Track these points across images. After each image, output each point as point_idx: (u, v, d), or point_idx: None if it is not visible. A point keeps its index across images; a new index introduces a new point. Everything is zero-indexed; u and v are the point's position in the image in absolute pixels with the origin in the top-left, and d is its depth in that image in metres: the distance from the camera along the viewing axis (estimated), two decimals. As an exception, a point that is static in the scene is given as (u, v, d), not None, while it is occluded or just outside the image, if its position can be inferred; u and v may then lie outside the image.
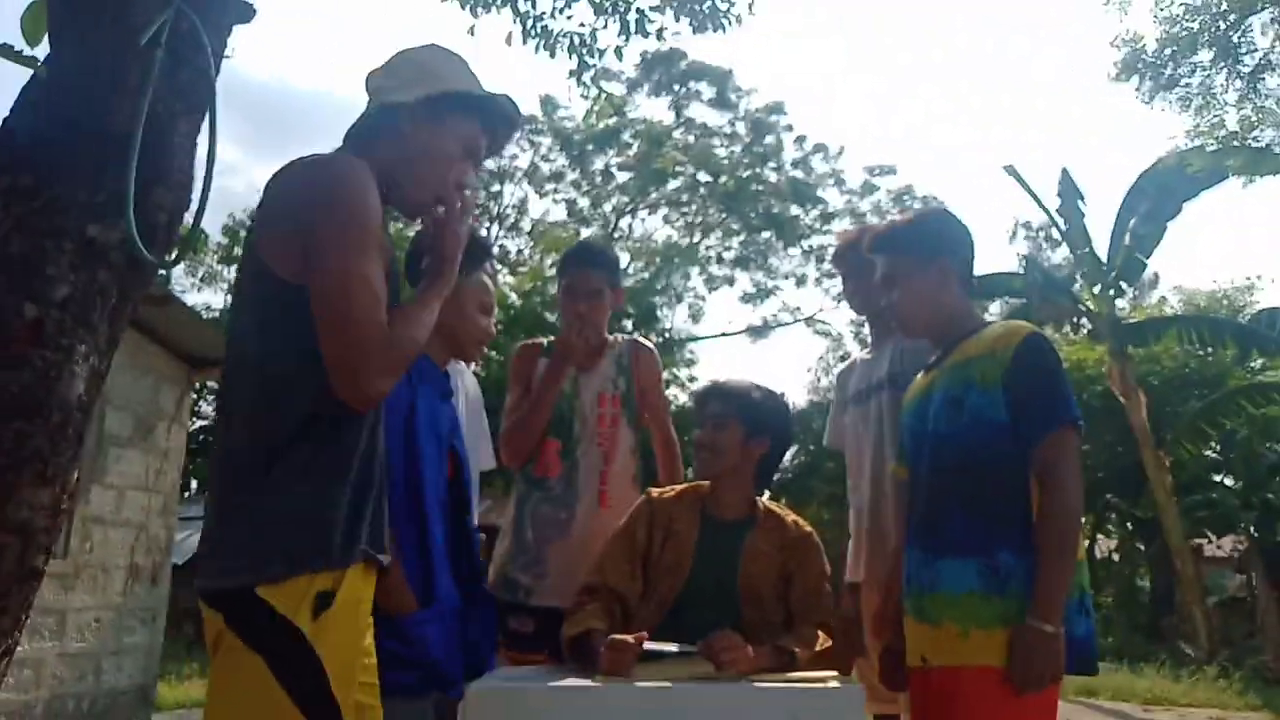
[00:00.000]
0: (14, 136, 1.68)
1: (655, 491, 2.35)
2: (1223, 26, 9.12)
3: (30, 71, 1.73)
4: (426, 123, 1.48)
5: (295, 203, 1.32)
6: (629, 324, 18.17)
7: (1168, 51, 9.46)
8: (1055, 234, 14.97)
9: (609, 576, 2.18)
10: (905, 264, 2.05)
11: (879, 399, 2.58)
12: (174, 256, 1.77)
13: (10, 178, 1.66)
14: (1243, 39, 9.28)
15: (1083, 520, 1.88)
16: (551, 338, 2.83)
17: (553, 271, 18.34)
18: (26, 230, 1.65)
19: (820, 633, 2.04)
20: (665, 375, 2.89)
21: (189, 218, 1.75)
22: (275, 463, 1.28)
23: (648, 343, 2.89)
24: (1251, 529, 13.54)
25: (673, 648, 1.90)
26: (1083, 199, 12.28)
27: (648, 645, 1.87)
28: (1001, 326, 1.96)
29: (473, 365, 2.52)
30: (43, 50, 1.75)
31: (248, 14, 1.86)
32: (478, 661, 2.00)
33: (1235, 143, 9.26)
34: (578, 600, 2.15)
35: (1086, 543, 18.80)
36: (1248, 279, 21.00)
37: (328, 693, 1.25)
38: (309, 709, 1.24)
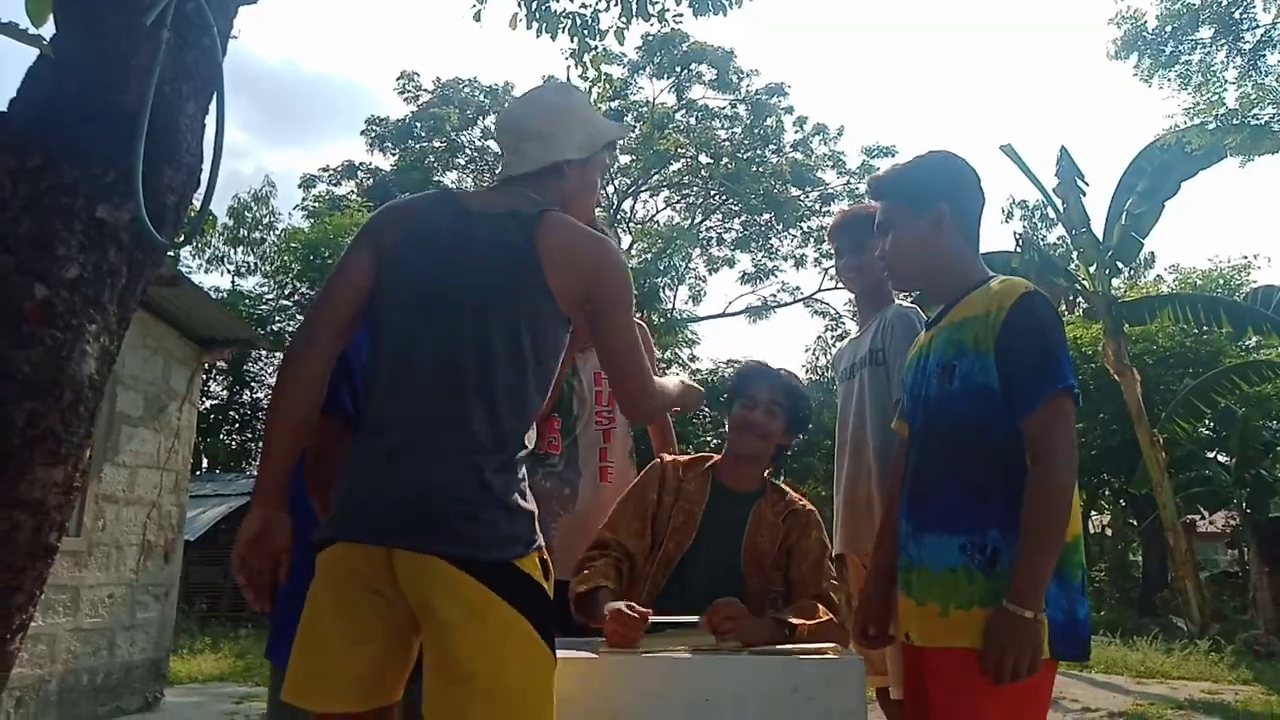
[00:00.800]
0: (22, 117, 1.69)
1: (668, 456, 2.44)
2: (1224, 2, 9.04)
3: (37, 51, 1.73)
4: (586, 167, 1.79)
5: (594, 268, 1.64)
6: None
7: (1168, 28, 9.36)
8: (1050, 213, 14.95)
9: (620, 532, 2.26)
10: (899, 211, 1.93)
11: (861, 376, 2.62)
12: (183, 238, 1.78)
13: (19, 158, 1.67)
14: (1244, 15, 9.20)
15: (1076, 496, 1.73)
16: None
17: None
18: (35, 210, 1.66)
19: (819, 605, 2.08)
20: (668, 355, 2.96)
21: (198, 199, 1.76)
22: (512, 460, 1.55)
23: (640, 322, 2.93)
24: (1244, 505, 13.66)
25: (675, 620, 1.94)
26: (1082, 178, 12.27)
27: (653, 619, 1.91)
28: (998, 285, 1.82)
29: None
30: (48, 30, 1.75)
31: (252, -5, 1.86)
32: None
33: (1235, 121, 9.19)
34: (587, 555, 2.23)
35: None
36: (1244, 257, 21.06)
37: (553, 633, 1.55)
38: (551, 646, 1.53)
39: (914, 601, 1.79)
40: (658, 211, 24.21)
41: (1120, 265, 13.04)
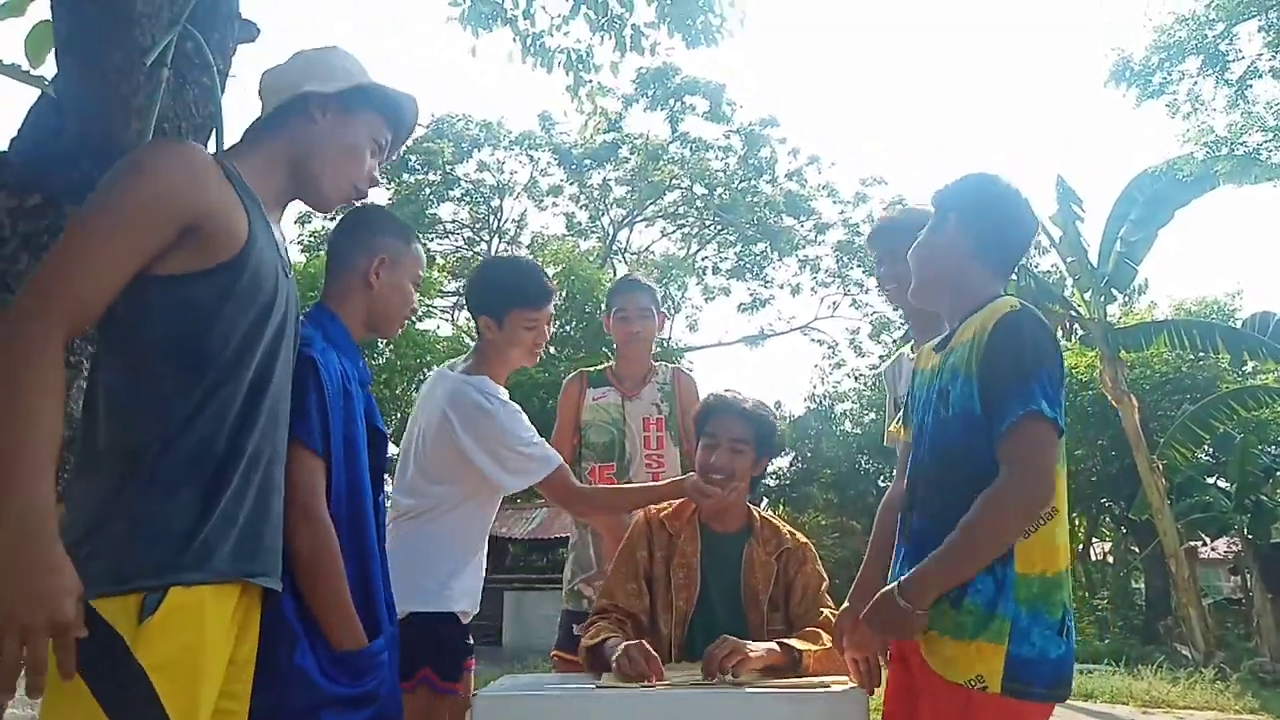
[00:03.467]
0: (22, 156, 1.70)
1: (653, 508, 2.38)
2: (1210, 35, 9.17)
3: (37, 92, 1.75)
4: (340, 113, 1.49)
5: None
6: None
7: (1154, 60, 9.50)
8: (1044, 241, 15.03)
9: (616, 597, 2.24)
10: (929, 219, 1.90)
11: None
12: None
13: (18, 197, 1.69)
14: (1230, 46, 9.33)
15: (1063, 532, 1.69)
16: (599, 366, 3.14)
17: (555, 283, 18.42)
18: (34, 248, 1.67)
19: (822, 633, 2.06)
20: None
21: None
22: (103, 475, 1.20)
23: (687, 370, 3.16)
24: (1246, 531, 13.57)
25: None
26: (1079, 205, 12.36)
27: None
28: (989, 307, 1.75)
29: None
30: (49, 70, 1.77)
31: (252, 33, 1.89)
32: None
33: (1224, 149, 9.28)
34: (590, 620, 2.21)
35: (1080, 547, 18.82)
36: (1238, 286, 21.14)
37: (157, 711, 1.14)
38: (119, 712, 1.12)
39: None
40: (653, 242, 24.38)
41: (1115, 292, 13.09)
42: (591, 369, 3.15)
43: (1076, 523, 17.74)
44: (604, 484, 2.87)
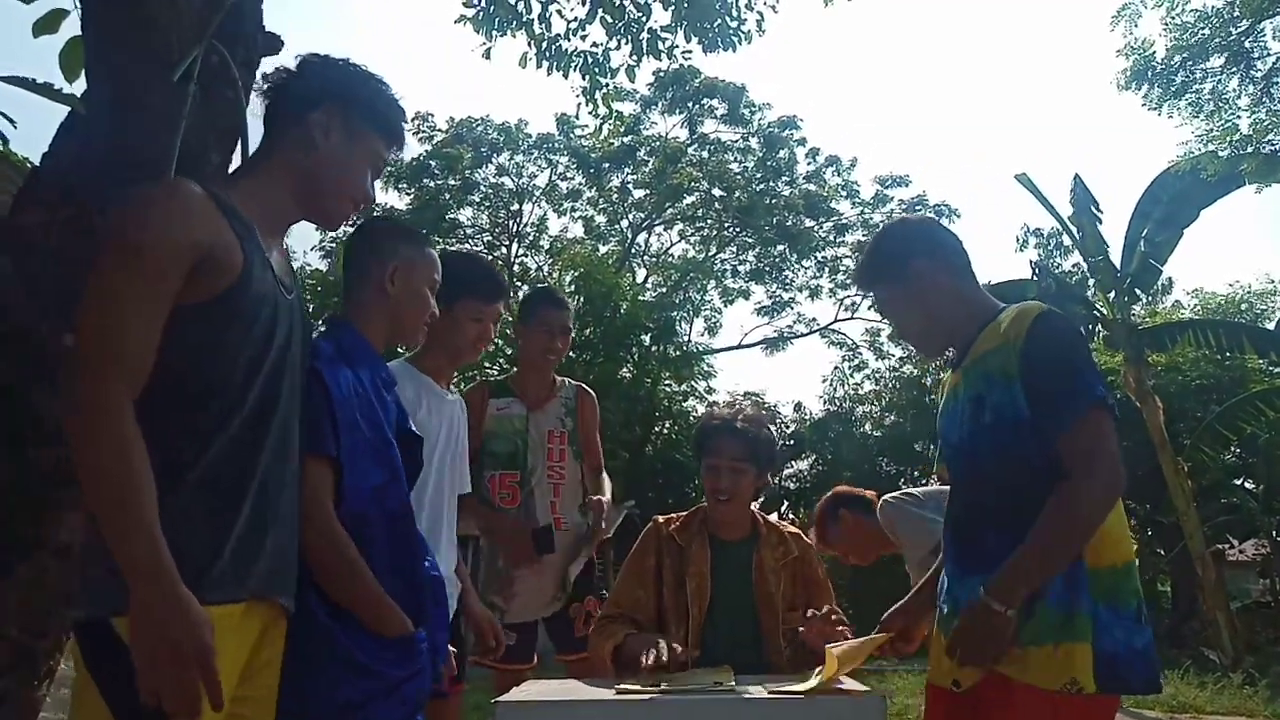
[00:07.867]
0: (53, 170, 1.74)
1: (662, 519, 2.50)
2: (1234, 33, 9.06)
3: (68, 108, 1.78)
4: (343, 133, 1.51)
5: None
6: (647, 338, 18.25)
7: (1177, 59, 9.38)
8: (1066, 241, 14.92)
9: (623, 604, 2.35)
10: (886, 289, 1.95)
11: None
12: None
13: (50, 210, 1.72)
14: (1255, 44, 9.21)
15: (1123, 520, 1.69)
16: (498, 376, 3.15)
17: (573, 288, 18.51)
18: (66, 260, 1.71)
19: (841, 626, 2.16)
20: (684, 387, 3.16)
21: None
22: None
23: (589, 389, 3.22)
24: (1274, 533, 13.41)
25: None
26: (1097, 205, 12.25)
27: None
28: (1013, 311, 1.77)
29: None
30: (80, 86, 1.80)
31: (275, 45, 1.92)
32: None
33: (1249, 147, 9.15)
34: (599, 624, 2.33)
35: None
36: (1271, 281, 20.82)
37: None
38: None
39: None
40: (672, 245, 24.34)
41: (1139, 292, 12.95)
42: (493, 380, 3.26)
43: (1125, 520, 17.52)
44: (506, 492, 2.95)
